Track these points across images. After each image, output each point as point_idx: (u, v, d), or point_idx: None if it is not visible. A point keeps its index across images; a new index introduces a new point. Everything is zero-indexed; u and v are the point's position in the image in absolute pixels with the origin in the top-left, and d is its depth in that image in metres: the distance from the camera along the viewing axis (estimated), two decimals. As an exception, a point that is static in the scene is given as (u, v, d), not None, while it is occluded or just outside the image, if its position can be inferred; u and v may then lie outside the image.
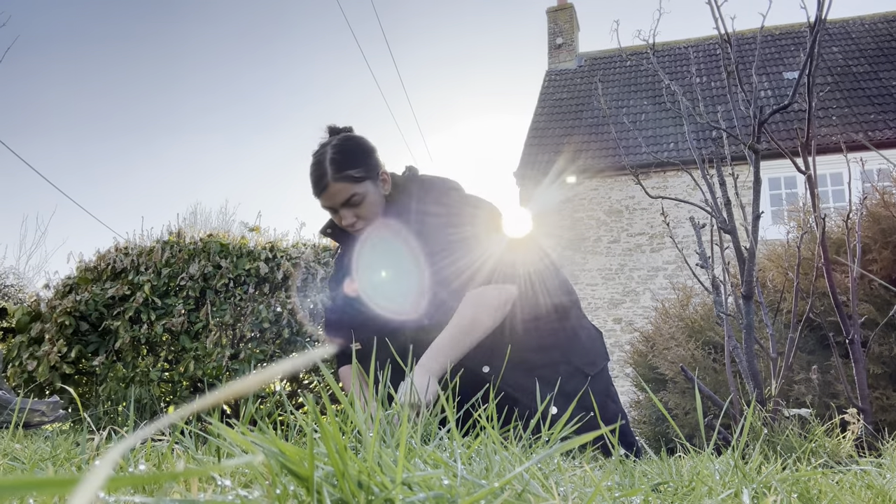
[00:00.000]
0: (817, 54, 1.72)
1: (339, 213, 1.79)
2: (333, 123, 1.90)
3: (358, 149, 1.80)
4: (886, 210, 2.81)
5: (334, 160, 1.75)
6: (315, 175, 1.77)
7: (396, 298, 1.79)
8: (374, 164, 1.81)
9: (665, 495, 0.71)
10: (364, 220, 1.79)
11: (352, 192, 1.75)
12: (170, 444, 0.81)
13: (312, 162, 1.80)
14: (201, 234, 5.12)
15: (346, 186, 1.74)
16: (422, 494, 0.48)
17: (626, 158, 10.60)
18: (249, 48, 34.41)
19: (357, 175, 1.75)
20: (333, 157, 1.76)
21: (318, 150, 1.82)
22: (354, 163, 1.76)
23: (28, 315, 4.76)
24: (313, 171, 1.78)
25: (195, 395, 4.59)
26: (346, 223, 1.79)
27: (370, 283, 1.86)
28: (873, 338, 2.50)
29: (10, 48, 8.67)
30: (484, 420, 0.71)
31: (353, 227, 1.79)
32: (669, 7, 2.31)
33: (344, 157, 1.76)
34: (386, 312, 1.78)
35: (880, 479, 0.89)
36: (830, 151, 9.62)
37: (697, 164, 2.20)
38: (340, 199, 1.76)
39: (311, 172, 1.79)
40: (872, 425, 1.80)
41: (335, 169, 1.74)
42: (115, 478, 0.26)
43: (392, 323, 1.82)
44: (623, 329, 10.32)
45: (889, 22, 13.29)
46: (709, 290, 2.11)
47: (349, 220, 1.78)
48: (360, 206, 1.77)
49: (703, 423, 0.77)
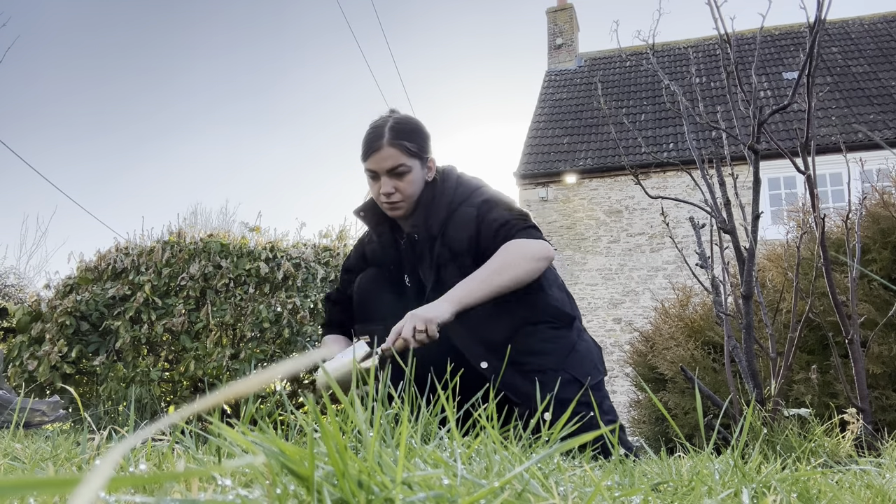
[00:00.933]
0: (817, 54, 1.72)
1: (380, 179, 1.81)
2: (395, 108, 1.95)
3: (418, 128, 1.86)
4: (886, 210, 2.81)
5: (394, 128, 1.81)
6: (371, 136, 1.81)
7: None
8: (427, 147, 1.86)
9: (665, 495, 0.71)
10: (401, 195, 1.82)
11: (401, 161, 1.79)
12: (170, 443, 0.81)
13: (371, 127, 1.84)
14: (202, 234, 5.12)
15: (398, 154, 1.78)
16: (422, 494, 0.48)
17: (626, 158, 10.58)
18: (250, 48, 34.41)
19: (411, 148, 1.80)
20: (393, 125, 1.81)
21: (379, 119, 1.87)
22: (411, 137, 1.82)
23: (29, 315, 4.76)
24: (369, 134, 1.82)
25: (195, 394, 4.59)
26: (385, 191, 1.80)
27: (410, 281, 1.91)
28: (873, 338, 2.50)
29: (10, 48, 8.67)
30: (484, 420, 0.71)
31: (390, 198, 1.81)
32: (669, 7, 2.31)
33: (403, 129, 1.82)
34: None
35: (880, 479, 0.89)
36: (830, 151, 9.62)
37: (697, 164, 2.20)
38: (388, 165, 1.79)
39: (366, 134, 1.83)
40: (872, 425, 1.80)
41: (393, 135, 1.79)
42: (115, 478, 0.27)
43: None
44: (623, 329, 10.32)
45: (888, 22, 13.29)
46: (708, 290, 2.11)
47: (388, 189, 1.80)
48: (403, 178, 1.80)
49: (702, 423, 0.77)
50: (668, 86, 2.16)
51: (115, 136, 32.14)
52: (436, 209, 1.84)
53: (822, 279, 2.59)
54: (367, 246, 2.02)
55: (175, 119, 34.60)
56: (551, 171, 11.18)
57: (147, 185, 33.34)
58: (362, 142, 1.84)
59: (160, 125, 34.08)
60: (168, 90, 33.61)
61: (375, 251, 1.98)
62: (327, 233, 5.40)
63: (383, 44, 42.78)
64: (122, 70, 31.13)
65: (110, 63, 30.93)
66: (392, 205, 1.83)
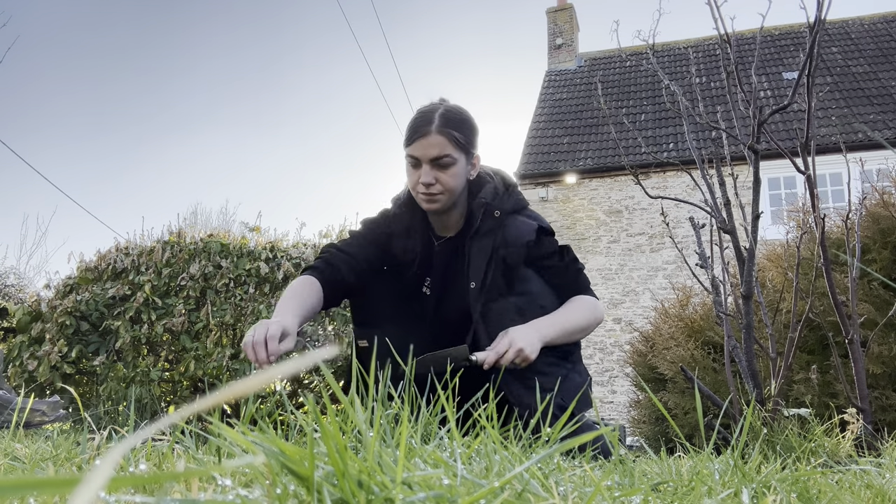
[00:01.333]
0: (817, 55, 1.72)
1: (421, 167, 1.73)
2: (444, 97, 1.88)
3: (468, 120, 1.79)
4: (886, 210, 2.81)
5: (444, 115, 1.73)
6: (419, 121, 1.73)
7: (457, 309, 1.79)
8: (474, 142, 1.79)
9: (665, 495, 0.71)
10: (442, 187, 1.73)
11: (447, 151, 1.71)
12: (170, 443, 0.81)
13: (419, 112, 1.77)
14: (202, 234, 5.12)
15: (445, 143, 1.71)
16: (422, 494, 0.48)
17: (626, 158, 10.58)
18: (250, 49, 34.41)
19: (459, 139, 1.73)
20: (444, 112, 1.74)
21: (429, 105, 1.80)
22: (461, 128, 1.74)
23: (29, 315, 4.76)
24: (418, 118, 1.74)
25: (196, 395, 4.59)
26: (425, 180, 1.72)
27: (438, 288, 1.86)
28: (873, 337, 2.50)
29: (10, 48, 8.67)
30: (484, 420, 0.71)
31: (429, 188, 1.73)
32: (669, 7, 2.31)
33: (454, 118, 1.74)
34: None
35: (879, 479, 0.89)
36: (830, 151, 9.62)
37: (697, 164, 2.20)
38: (433, 153, 1.71)
39: (414, 119, 1.75)
40: (872, 425, 1.80)
41: (442, 122, 1.71)
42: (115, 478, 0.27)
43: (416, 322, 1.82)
44: (623, 329, 10.31)
45: (888, 22, 13.29)
46: (708, 290, 2.11)
47: (429, 178, 1.72)
48: (446, 169, 1.72)
49: (702, 423, 0.77)
50: (668, 86, 2.16)
51: (115, 135, 32.15)
52: (481, 209, 1.76)
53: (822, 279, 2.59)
54: (396, 240, 1.86)
55: (175, 119, 34.60)
56: (551, 171, 11.18)
57: (147, 185, 33.35)
58: (408, 126, 1.75)
59: (160, 125, 34.09)
60: (168, 90, 33.62)
61: (406, 248, 1.84)
62: (327, 233, 5.40)
63: (383, 43, 42.77)
64: (122, 70, 31.14)
65: (110, 63, 30.94)
66: (430, 196, 1.74)
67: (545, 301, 1.78)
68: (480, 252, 1.74)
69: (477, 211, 1.76)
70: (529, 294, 1.76)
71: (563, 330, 1.71)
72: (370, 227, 1.90)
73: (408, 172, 1.78)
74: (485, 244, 1.75)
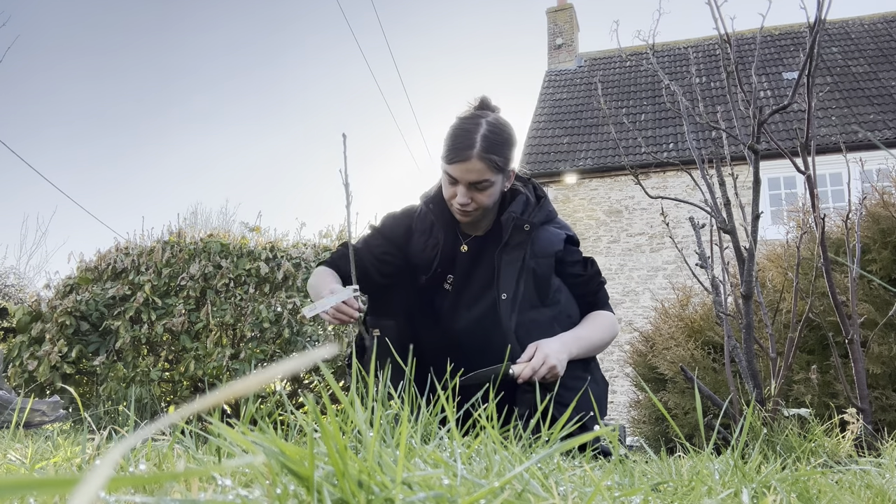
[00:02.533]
0: (817, 55, 1.72)
1: (457, 186, 1.71)
2: (486, 97, 1.80)
3: (510, 138, 1.74)
4: (886, 210, 2.81)
5: (486, 137, 1.67)
6: (460, 141, 1.67)
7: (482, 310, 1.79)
8: (512, 159, 1.76)
9: (665, 495, 0.71)
10: (477, 205, 1.73)
11: (486, 176, 1.68)
12: (170, 443, 0.81)
13: (461, 126, 1.70)
14: (202, 234, 5.12)
15: (484, 169, 1.67)
16: (422, 494, 0.48)
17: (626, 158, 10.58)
18: (251, 49, 34.43)
19: (499, 163, 1.69)
20: (486, 134, 1.68)
21: (470, 117, 1.73)
22: (502, 150, 1.69)
23: (29, 315, 4.76)
24: (459, 137, 1.68)
25: (195, 394, 4.59)
26: (461, 201, 1.71)
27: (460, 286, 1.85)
28: (873, 337, 2.50)
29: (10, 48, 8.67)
30: (484, 420, 0.71)
31: (464, 207, 1.72)
32: (669, 7, 2.31)
33: (496, 140, 1.69)
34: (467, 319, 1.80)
35: (879, 479, 0.89)
36: (830, 151, 9.62)
37: (697, 164, 2.20)
38: (471, 178, 1.68)
39: (454, 136, 1.69)
40: (872, 425, 1.80)
41: (484, 147, 1.66)
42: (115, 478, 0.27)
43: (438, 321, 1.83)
44: (623, 329, 10.31)
45: (888, 22, 13.29)
46: (708, 290, 2.11)
47: (463, 200, 1.70)
48: (483, 191, 1.71)
49: (702, 423, 0.77)
50: (668, 86, 2.16)
51: (115, 135, 32.15)
52: (511, 223, 1.76)
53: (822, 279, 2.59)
54: (418, 236, 1.85)
55: (175, 119, 34.61)
56: (551, 171, 11.18)
57: (147, 185, 33.36)
58: (449, 141, 1.70)
59: (160, 125, 34.10)
60: (168, 90, 33.63)
61: (427, 245, 1.84)
62: (327, 233, 5.40)
63: (383, 43, 42.79)
64: (122, 70, 31.14)
65: (110, 63, 30.94)
66: (464, 213, 1.74)
67: (572, 311, 1.81)
68: (510, 265, 1.74)
69: (507, 224, 1.75)
70: (559, 304, 1.78)
71: (587, 346, 1.74)
72: (389, 224, 1.91)
73: (444, 182, 1.76)
74: (515, 256, 1.74)
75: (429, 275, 1.83)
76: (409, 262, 1.87)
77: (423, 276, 1.84)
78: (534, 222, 1.77)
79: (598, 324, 1.81)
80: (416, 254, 1.85)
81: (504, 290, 1.73)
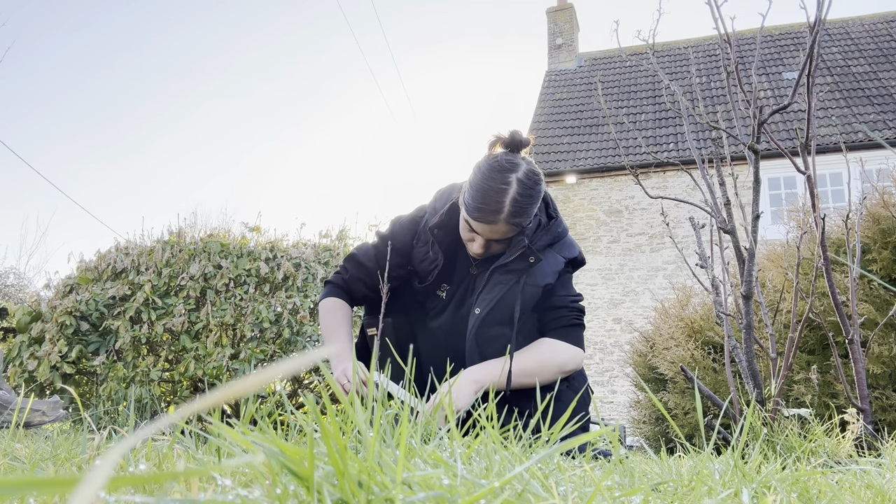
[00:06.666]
0: (817, 54, 1.72)
1: (476, 235, 1.68)
2: (517, 133, 1.71)
3: (538, 195, 1.67)
4: (886, 210, 2.81)
5: (516, 202, 1.61)
6: (488, 203, 1.61)
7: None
8: (535, 212, 1.71)
9: (665, 495, 0.71)
10: (490, 252, 1.72)
11: (509, 236, 1.67)
12: (170, 443, 0.81)
13: (490, 185, 1.61)
14: (202, 234, 5.12)
15: (509, 230, 1.65)
16: (422, 494, 0.48)
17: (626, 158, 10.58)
18: (251, 49, 34.45)
19: (524, 224, 1.66)
20: (516, 198, 1.61)
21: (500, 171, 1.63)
22: (529, 213, 1.65)
23: (29, 315, 4.76)
24: (488, 197, 1.61)
25: (195, 394, 4.59)
26: (476, 251, 1.69)
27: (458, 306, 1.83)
28: (873, 338, 2.50)
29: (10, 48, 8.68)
30: (484, 420, 0.71)
31: (478, 254, 1.71)
32: (669, 7, 2.31)
33: (525, 204, 1.63)
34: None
35: (880, 479, 0.89)
36: (830, 151, 9.63)
37: (697, 164, 2.20)
38: (494, 237, 1.66)
39: (483, 194, 1.61)
40: (872, 425, 1.80)
41: (512, 213, 1.62)
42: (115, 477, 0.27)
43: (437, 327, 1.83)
44: (623, 329, 10.32)
45: (889, 22, 13.29)
46: (708, 290, 2.11)
47: (478, 250, 1.69)
48: (501, 243, 1.70)
49: (702, 423, 0.77)
50: (668, 86, 2.16)
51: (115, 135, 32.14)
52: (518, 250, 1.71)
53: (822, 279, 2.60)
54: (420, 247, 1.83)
55: (175, 119, 34.62)
56: (551, 171, 11.18)
57: (147, 185, 33.35)
58: (476, 196, 1.62)
59: (160, 125, 34.10)
60: (168, 90, 33.63)
61: (425, 258, 1.81)
62: (327, 233, 5.40)
63: (383, 43, 42.83)
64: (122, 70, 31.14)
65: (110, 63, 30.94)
66: (477, 256, 1.74)
67: (534, 337, 1.78)
68: (497, 286, 1.71)
69: (515, 248, 1.70)
70: (525, 328, 1.76)
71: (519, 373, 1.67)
72: (399, 233, 1.87)
73: (462, 225, 1.72)
74: (507, 279, 1.71)
75: (424, 284, 1.83)
76: (412, 267, 1.87)
77: (419, 283, 1.84)
78: (538, 245, 1.73)
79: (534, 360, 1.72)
80: (416, 262, 1.84)
81: (479, 306, 1.71)
